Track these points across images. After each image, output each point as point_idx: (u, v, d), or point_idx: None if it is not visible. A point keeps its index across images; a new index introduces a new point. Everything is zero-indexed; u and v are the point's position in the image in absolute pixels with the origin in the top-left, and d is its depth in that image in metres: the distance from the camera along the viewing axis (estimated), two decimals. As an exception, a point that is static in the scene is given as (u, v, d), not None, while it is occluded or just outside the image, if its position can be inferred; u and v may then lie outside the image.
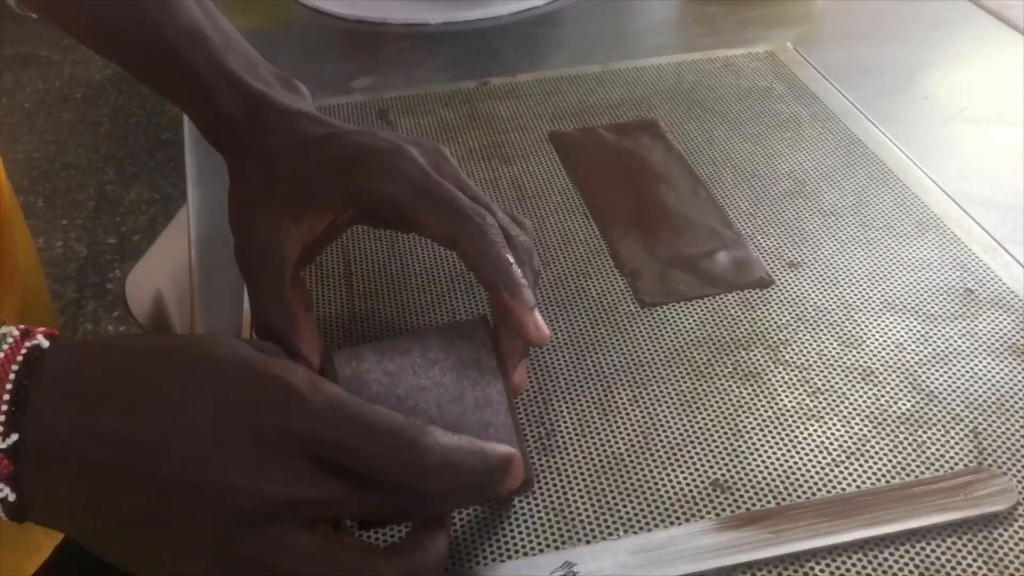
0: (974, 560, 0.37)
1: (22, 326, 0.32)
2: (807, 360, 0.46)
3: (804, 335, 0.47)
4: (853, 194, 0.57)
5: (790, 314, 0.49)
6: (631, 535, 0.38)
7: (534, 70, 0.71)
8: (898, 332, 0.47)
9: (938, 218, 0.54)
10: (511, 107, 0.66)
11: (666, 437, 0.42)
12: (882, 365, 0.46)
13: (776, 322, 0.48)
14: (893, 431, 0.42)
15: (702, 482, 0.40)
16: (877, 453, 0.41)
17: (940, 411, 0.43)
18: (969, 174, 0.59)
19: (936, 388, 0.44)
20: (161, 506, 0.30)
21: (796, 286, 0.50)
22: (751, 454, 0.41)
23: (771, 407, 0.44)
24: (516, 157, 0.61)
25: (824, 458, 0.41)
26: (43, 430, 0.30)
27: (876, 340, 0.47)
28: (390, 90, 0.69)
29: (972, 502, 0.39)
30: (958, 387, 0.44)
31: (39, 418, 0.30)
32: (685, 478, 0.41)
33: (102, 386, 0.31)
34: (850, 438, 0.42)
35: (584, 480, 0.41)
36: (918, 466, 0.41)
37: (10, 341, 0.31)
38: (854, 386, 0.45)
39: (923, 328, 0.47)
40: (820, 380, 0.45)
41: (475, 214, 0.40)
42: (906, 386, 0.44)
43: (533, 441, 0.42)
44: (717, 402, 0.44)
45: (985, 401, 0.43)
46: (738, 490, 0.40)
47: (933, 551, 0.37)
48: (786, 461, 0.41)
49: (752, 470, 0.41)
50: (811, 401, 0.44)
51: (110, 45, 0.48)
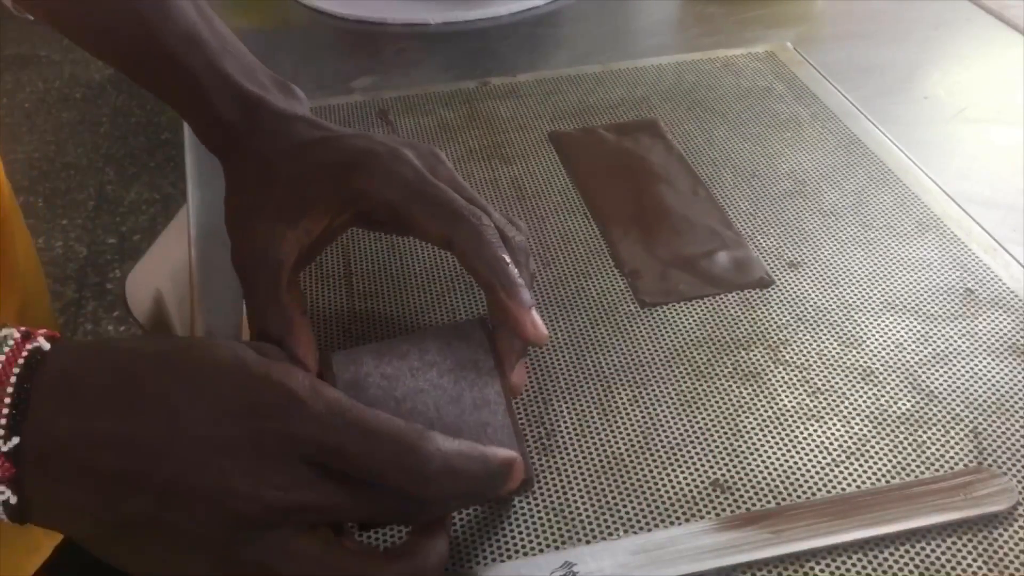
0: (974, 560, 0.37)
1: (23, 328, 0.32)
2: (807, 360, 0.46)
3: (804, 335, 0.47)
4: (853, 194, 0.57)
5: (790, 314, 0.49)
6: (631, 535, 0.38)
7: (534, 70, 0.71)
8: (898, 332, 0.47)
9: (938, 218, 0.54)
10: (511, 107, 0.66)
11: (666, 437, 0.42)
12: (882, 365, 0.46)
13: (776, 322, 0.48)
14: (893, 431, 0.42)
15: (702, 482, 0.40)
16: (877, 453, 0.41)
17: (940, 411, 0.43)
18: (969, 174, 0.59)
19: (936, 388, 0.44)
20: (162, 510, 0.30)
21: (796, 286, 0.50)
22: (751, 454, 0.41)
23: (771, 407, 0.44)
24: (516, 157, 0.61)
25: (824, 458, 0.41)
26: (44, 433, 0.30)
27: (876, 340, 0.47)
28: (390, 90, 0.69)
29: (972, 502, 0.39)
30: (958, 387, 0.44)
31: (40, 421, 0.30)
32: (685, 478, 0.41)
33: (103, 389, 0.31)
34: (850, 438, 0.42)
35: (584, 480, 0.41)
36: (918, 466, 0.41)
37: (11, 344, 0.31)
38: (854, 386, 0.45)
39: (923, 328, 0.47)
40: (820, 380, 0.45)
41: (471, 215, 0.40)
42: (906, 386, 0.44)
43: (533, 441, 0.42)
44: (717, 402, 0.44)
45: (985, 401, 0.43)
46: (738, 490, 0.40)
47: (933, 551, 0.37)
48: (786, 461, 0.41)
49: (752, 470, 0.41)
50: (811, 401, 0.44)
51: (107, 48, 0.48)
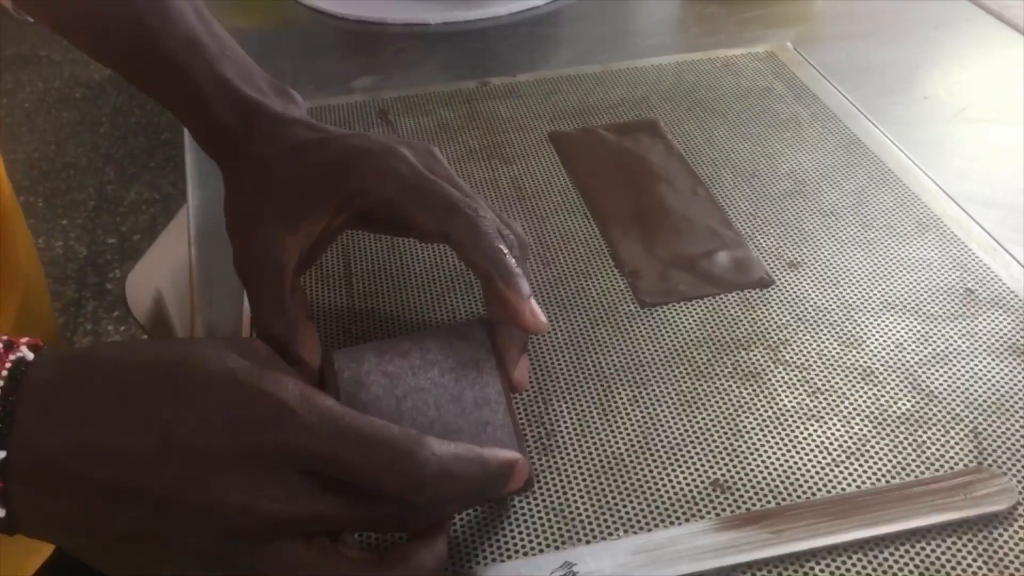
0: (974, 560, 0.37)
1: (4, 337, 0.31)
2: (807, 360, 0.46)
3: (804, 335, 0.47)
4: (853, 194, 0.57)
5: (790, 314, 0.49)
6: (631, 535, 0.38)
7: (534, 70, 0.71)
8: (898, 332, 0.47)
9: (938, 218, 0.54)
10: (511, 107, 0.66)
11: (666, 437, 0.42)
12: (882, 365, 0.46)
13: (776, 322, 0.48)
14: (893, 431, 0.42)
15: (702, 482, 0.40)
16: (877, 453, 0.41)
17: (940, 411, 0.43)
18: (969, 174, 0.59)
19: (936, 388, 0.44)
20: (156, 522, 0.30)
21: (796, 286, 0.50)
22: (751, 454, 0.41)
23: (771, 407, 0.44)
24: (516, 157, 0.61)
25: (824, 458, 0.41)
26: (31, 446, 0.30)
27: (876, 340, 0.47)
28: (390, 90, 0.69)
29: (972, 502, 0.39)
30: (958, 387, 0.44)
31: (26, 434, 0.30)
32: (685, 478, 0.41)
33: (91, 401, 0.31)
34: (850, 438, 0.42)
35: (584, 480, 0.41)
36: (918, 466, 0.41)
37: None
38: (854, 386, 0.45)
39: (923, 328, 0.47)
40: (820, 380, 0.45)
41: (467, 207, 0.40)
42: (906, 386, 0.44)
43: (533, 441, 0.42)
44: (717, 402, 0.44)
45: (985, 401, 0.43)
46: (738, 490, 0.40)
47: (933, 551, 0.37)
48: (786, 461, 0.41)
49: (752, 470, 0.41)
50: (811, 401, 0.44)
51: (106, 51, 0.47)
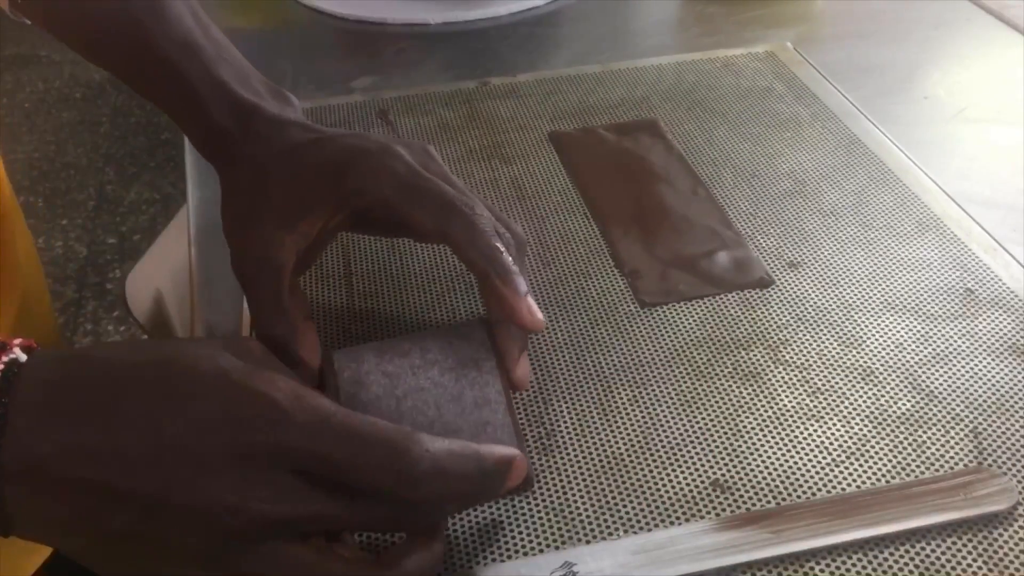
0: (974, 560, 0.37)
1: None
2: (807, 360, 0.46)
3: (804, 335, 0.47)
4: (853, 194, 0.57)
5: (790, 314, 0.49)
6: (631, 535, 0.38)
7: (534, 70, 0.71)
8: (898, 332, 0.47)
9: (938, 218, 0.54)
10: (511, 107, 0.66)
11: (666, 437, 0.42)
12: (882, 365, 0.46)
13: (776, 322, 0.48)
14: (893, 431, 0.42)
15: (702, 482, 0.40)
16: (877, 453, 0.41)
17: (940, 411, 0.43)
18: (969, 174, 0.59)
19: (936, 388, 0.44)
20: (150, 523, 0.30)
21: (796, 286, 0.50)
22: (751, 454, 0.41)
23: (771, 407, 0.44)
24: (516, 157, 0.61)
25: (824, 458, 0.41)
26: (24, 448, 0.30)
27: (876, 340, 0.47)
28: (390, 90, 0.69)
29: (972, 502, 0.39)
30: (958, 387, 0.44)
31: (19, 436, 0.30)
32: (685, 478, 0.41)
33: (84, 403, 0.31)
34: (850, 438, 0.42)
35: (584, 480, 0.41)
36: (918, 466, 0.41)
37: None
38: (854, 386, 0.45)
39: (923, 328, 0.47)
40: (820, 380, 0.45)
41: (464, 205, 0.40)
42: (906, 386, 0.44)
43: (533, 441, 0.42)
44: (717, 402, 0.44)
45: (985, 401, 0.43)
46: (738, 490, 0.40)
47: (933, 551, 0.37)
48: (786, 461, 0.41)
49: (752, 470, 0.41)
50: (811, 401, 0.44)
51: (103, 54, 0.47)
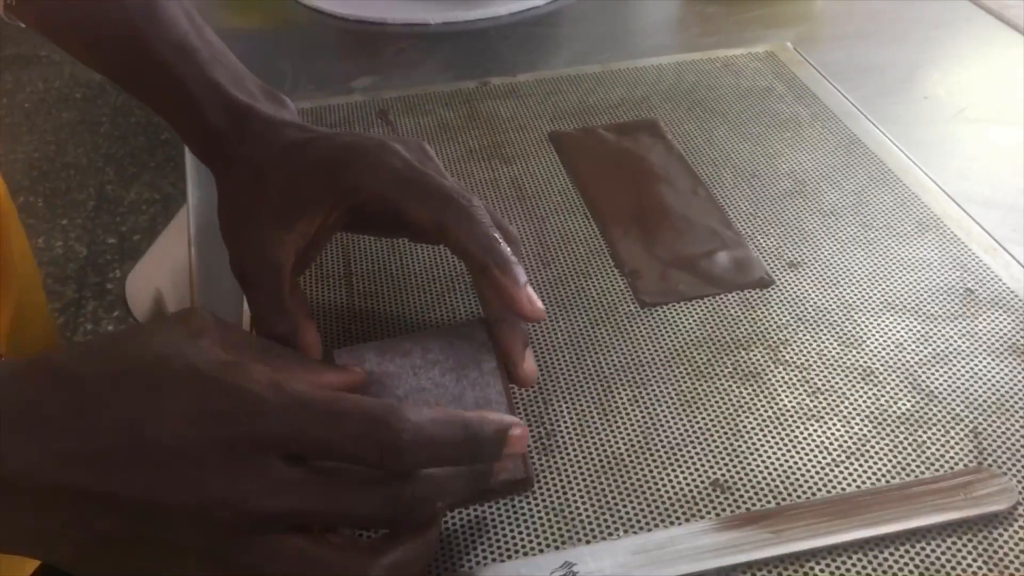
0: (974, 560, 0.37)
1: None
2: (807, 360, 0.46)
3: (804, 335, 0.47)
4: (853, 194, 0.57)
5: (790, 314, 0.49)
6: (631, 535, 0.38)
7: (534, 70, 0.71)
8: (898, 332, 0.47)
9: (938, 218, 0.54)
10: (511, 107, 0.66)
11: (666, 437, 0.42)
12: (882, 365, 0.46)
13: (776, 322, 0.48)
14: (893, 431, 0.42)
15: (702, 482, 0.40)
16: (877, 453, 0.41)
17: (940, 411, 0.43)
18: (969, 174, 0.59)
19: (936, 388, 0.44)
20: (139, 526, 0.30)
21: (796, 286, 0.50)
22: (751, 454, 0.41)
23: (771, 407, 0.44)
24: (516, 157, 0.61)
25: (824, 458, 0.41)
26: None
27: (876, 340, 0.47)
28: (390, 90, 0.69)
29: (972, 502, 0.39)
30: (958, 387, 0.44)
31: None
32: (685, 478, 0.41)
33: (56, 410, 0.30)
34: (850, 438, 0.42)
35: (584, 480, 0.41)
36: (918, 466, 0.41)
37: None
38: (854, 386, 0.45)
39: (923, 328, 0.47)
40: (820, 380, 0.45)
41: (460, 197, 0.40)
42: (906, 386, 0.44)
43: (533, 441, 0.42)
44: (717, 402, 0.44)
45: (985, 401, 0.43)
46: (738, 490, 0.40)
47: (933, 551, 0.37)
48: (786, 461, 0.41)
49: (752, 470, 0.41)
50: (811, 401, 0.44)
51: (98, 56, 0.47)
